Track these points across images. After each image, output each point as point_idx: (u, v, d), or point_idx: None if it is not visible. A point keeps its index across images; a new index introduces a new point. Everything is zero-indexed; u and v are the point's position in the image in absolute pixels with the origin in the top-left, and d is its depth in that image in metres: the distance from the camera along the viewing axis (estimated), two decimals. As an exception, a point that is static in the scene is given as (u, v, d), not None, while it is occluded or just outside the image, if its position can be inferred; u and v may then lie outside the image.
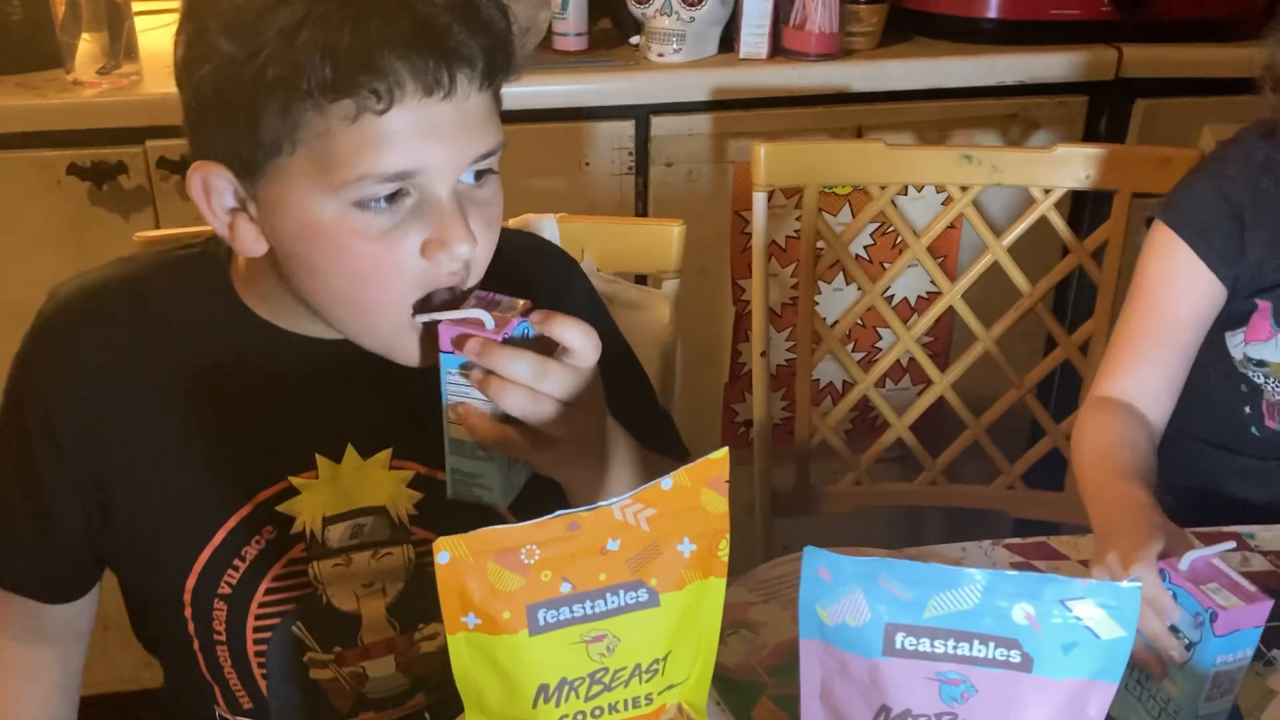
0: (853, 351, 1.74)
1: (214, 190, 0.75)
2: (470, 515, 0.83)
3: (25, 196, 1.47)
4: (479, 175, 0.75)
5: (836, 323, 1.43)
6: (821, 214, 1.37)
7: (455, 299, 0.75)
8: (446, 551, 0.57)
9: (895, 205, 1.37)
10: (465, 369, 0.72)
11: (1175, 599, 0.78)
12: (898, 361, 1.49)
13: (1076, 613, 0.61)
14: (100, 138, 1.46)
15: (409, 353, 0.76)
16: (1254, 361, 1.14)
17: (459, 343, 0.71)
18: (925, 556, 0.98)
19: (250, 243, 0.76)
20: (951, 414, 1.45)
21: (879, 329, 1.73)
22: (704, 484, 0.61)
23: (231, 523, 0.83)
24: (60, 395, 0.82)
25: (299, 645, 0.86)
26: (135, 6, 1.52)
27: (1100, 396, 1.11)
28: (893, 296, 1.69)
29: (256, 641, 0.86)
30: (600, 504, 0.59)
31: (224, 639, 0.85)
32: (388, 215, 0.72)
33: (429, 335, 0.75)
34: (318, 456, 0.83)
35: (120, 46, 1.48)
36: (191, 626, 0.85)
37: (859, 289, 1.45)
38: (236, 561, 0.84)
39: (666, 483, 0.60)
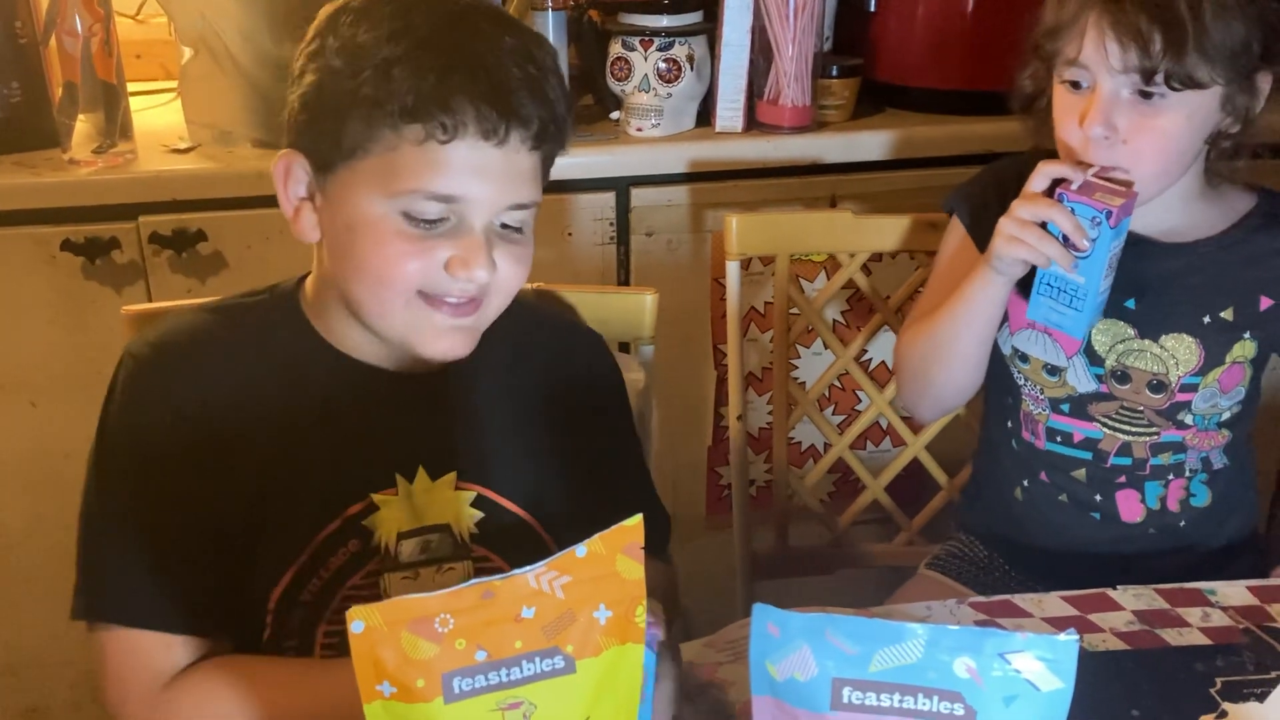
0: (834, 414, 1.77)
1: (292, 177, 0.88)
2: (521, 538, 0.94)
3: (20, 271, 1.51)
4: (511, 226, 0.88)
5: (812, 387, 1.46)
6: (797, 280, 1.41)
7: None
8: (360, 621, 0.58)
9: (869, 271, 1.41)
10: None
11: (1074, 212, 1.04)
12: (877, 424, 1.51)
13: (1016, 665, 0.63)
14: (94, 214, 1.50)
15: (424, 342, 0.88)
16: (1019, 355, 1.20)
17: None
18: (891, 615, 0.99)
19: (308, 229, 0.89)
20: (931, 475, 1.47)
21: (858, 392, 1.76)
22: (619, 551, 0.62)
23: (321, 537, 0.90)
24: (174, 417, 0.87)
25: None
26: (130, 87, 1.57)
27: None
28: (870, 360, 1.72)
29: (325, 647, 0.90)
30: (514, 572, 0.60)
31: (295, 644, 0.90)
32: (425, 229, 0.85)
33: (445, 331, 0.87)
34: (397, 476, 0.92)
35: (115, 127, 1.52)
36: (268, 633, 0.90)
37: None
38: (322, 571, 0.90)
39: (581, 550, 0.61)
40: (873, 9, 1.75)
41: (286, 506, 0.89)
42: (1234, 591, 1.00)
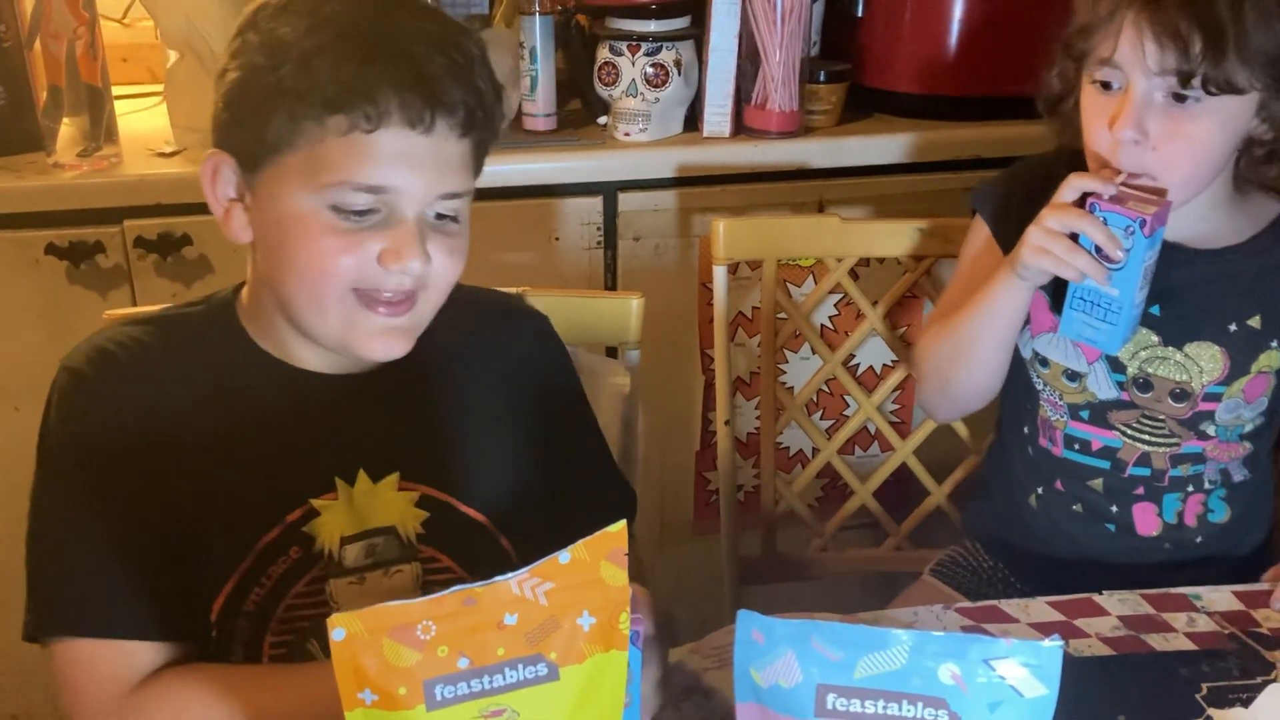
0: (821, 419, 1.77)
1: (220, 178, 0.88)
2: (469, 534, 0.94)
3: (4, 275, 1.49)
4: (445, 216, 0.87)
5: (800, 392, 1.46)
6: (785, 285, 1.41)
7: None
8: (341, 628, 0.58)
9: (857, 276, 1.41)
10: None
11: (1106, 222, 1.00)
12: (865, 428, 1.51)
13: (1000, 672, 0.62)
14: (79, 218, 1.49)
15: (361, 343, 0.87)
16: (1039, 359, 1.17)
17: None
18: (878, 621, 0.99)
19: (238, 230, 0.88)
20: (919, 479, 1.47)
21: (846, 397, 1.76)
22: (603, 557, 0.61)
23: (260, 546, 0.89)
24: (112, 428, 0.87)
25: (312, 661, 0.90)
26: (115, 90, 1.56)
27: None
28: (858, 365, 1.72)
29: (272, 659, 0.89)
30: (496, 579, 0.60)
31: (241, 656, 0.89)
32: (355, 222, 0.83)
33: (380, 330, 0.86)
34: (336, 479, 0.90)
35: (101, 130, 1.52)
36: (214, 647, 0.89)
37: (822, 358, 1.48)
38: (264, 580, 0.89)
39: (564, 556, 0.61)
40: (860, 14, 1.75)
41: (223, 518, 0.88)
42: (1220, 597, 1.00)
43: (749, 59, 1.63)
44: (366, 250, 0.83)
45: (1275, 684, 0.89)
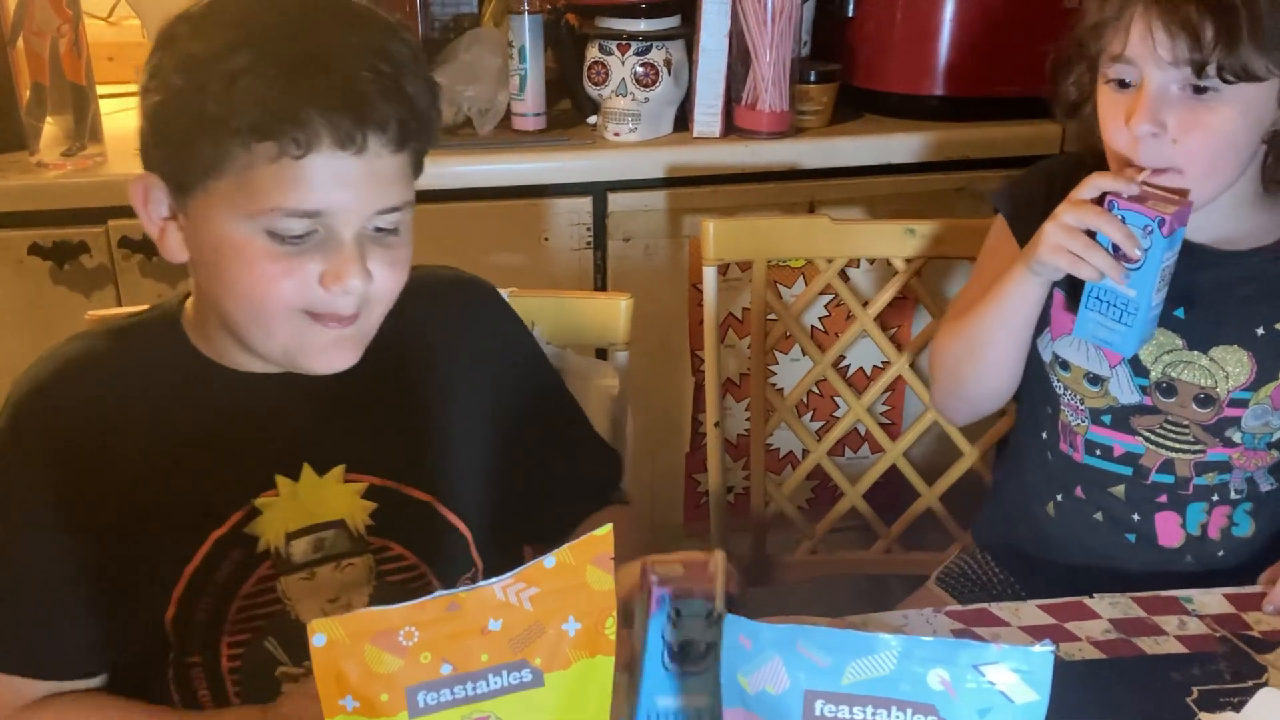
0: (811, 420, 1.76)
1: (151, 199, 0.85)
2: (422, 526, 0.93)
3: (-13, 276, 1.49)
4: (385, 229, 0.84)
5: (790, 393, 1.45)
6: (775, 286, 1.40)
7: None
8: (322, 634, 0.57)
9: (847, 277, 1.40)
10: None
11: (1125, 220, 0.99)
12: (855, 430, 1.50)
13: (990, 677, 0.62)
14: (63, 218, 1.48)
15: (309, 358, 0.86)
16: (1060, 362, 1.15)
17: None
18: (868, 624, 0.98)
19: (175, 249, 0.86)
20: (909, 481, 1.46)
21: (836, 398, 1.75)
22: (589, 562, 0.61)
23: (204, 550, 0.88)
24: (56, 458, 0.86)
25: (271, 660, 0.90)
26: (100, 90, 1.55)
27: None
28: (849, 366, 1.72)
29: (231, 658, 0.89)
30: (480, 584, 0.60)
31: (200, 661, 0.89)
32: (293, 246, 0.81)
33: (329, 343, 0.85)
34: (277, 477, 0.90)
35: (85, 129, 1.51)
36: (172, 654, 0.89)
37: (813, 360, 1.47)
38: (210, 587, 0.88)
39: (549, 561, 0.60)
40: (850, 14, 1.75)
41: (165, 527, 0.87)
42: (1211, 600, 1.00)
43: (739, 59, 1.62)
44: (307, 273, 0.81)
45: (1266, 688, 0.89)
